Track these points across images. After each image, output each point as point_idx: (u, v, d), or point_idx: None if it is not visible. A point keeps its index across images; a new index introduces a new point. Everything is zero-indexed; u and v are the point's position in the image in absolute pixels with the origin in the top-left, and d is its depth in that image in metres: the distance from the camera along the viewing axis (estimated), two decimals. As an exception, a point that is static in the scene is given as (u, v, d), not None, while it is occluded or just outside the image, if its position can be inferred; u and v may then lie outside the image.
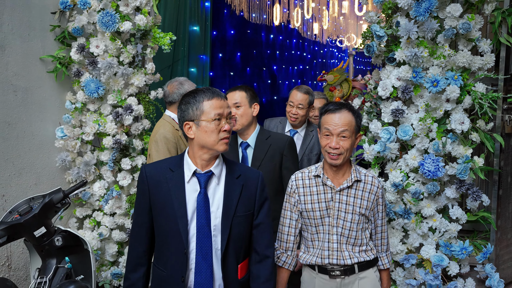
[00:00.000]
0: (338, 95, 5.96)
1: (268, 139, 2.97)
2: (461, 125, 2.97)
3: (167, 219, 2.07)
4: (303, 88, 3.68)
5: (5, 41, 3.18)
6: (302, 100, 3.60)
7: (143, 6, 3.51)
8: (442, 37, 2.98)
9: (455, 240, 3.12)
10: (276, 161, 2.93)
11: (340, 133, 2.27)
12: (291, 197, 2.46)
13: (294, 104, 3.64)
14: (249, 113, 2.92)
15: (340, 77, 6.11)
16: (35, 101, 3.42)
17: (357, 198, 2.35)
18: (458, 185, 3.03)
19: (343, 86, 6.14)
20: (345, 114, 2.29)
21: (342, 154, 2.28)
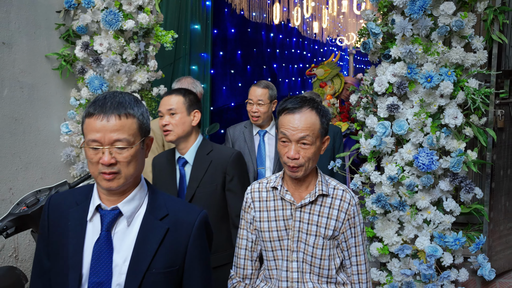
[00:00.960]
0: (329, 92, 5.48)
1: (210, 154, 2.54)
2: (455, 119, 3.05)
3: (59, 270, 1.52)
4: (262, 83, 3.45)
5: (12, 39, 3.27)
6: (261, 95, 3.37)
7: (145, 5, 3.60)
8: (436, 34, 3.07)
9: (449, 232, 3.21)
10: (217, 182, 2.51)
11: (300, 140, 1.81)
12: (247, 213, 2.02)
13: (253, 101, 3.41)
14: (187, 122, 2.50)
15: (331, 71, 5.56)
16: (41, 97, 3.52)
17: (322, 217, 1.90)
18: (452, 178, 3.12)
19: (334, 81, 5.60)
20: (307, 114, 1.83)
21: (303, 165, 1.83)
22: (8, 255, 3.27)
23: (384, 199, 3.14)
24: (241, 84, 7.01)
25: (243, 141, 3.55)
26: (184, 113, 2.50)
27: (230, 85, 6.64)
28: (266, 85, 3.42)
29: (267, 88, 3.37)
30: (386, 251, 3.24)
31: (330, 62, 5.70)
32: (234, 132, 3.61)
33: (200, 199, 2.48)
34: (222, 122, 5.70)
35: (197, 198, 2.48)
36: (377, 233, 3.27)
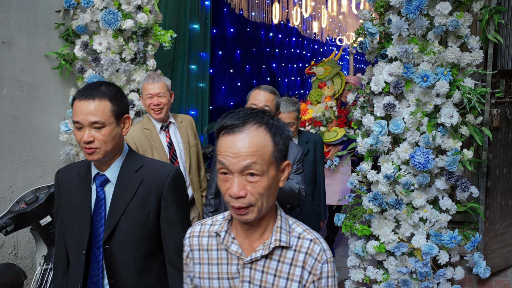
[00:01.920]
0: (328, 93, 4.91)
1: (141, 171, 1.95)
2: (451, 119, 3.08)
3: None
4: (267, 87, 2.84)
5: (12, 38, 3.30)
6: (268, 100, 2.72)
7: (144, 5, 3.62)
8: (432, 34, 3.09)
9: (445, 230, 3.24)
10: (150, 208, 1.92)
11: (245, 169, 1.28)
12: (186, 265, 1.55)
13: (258, 106, 2.70)
14: (116, 134, 1.87)
15: (332, 70, 5.01)
16: (41, 96, 3.54)
17: (280, 277, 1.39)
18: (448, 177, 3.15)
19: (334, 81, 5.04)
20: (253, 133, 1.30)
21: (254, 205, 1.31)
22: (8, 253, 3.29)
23: (381, 198, 3.17)
24: (240, 83, 7.03)
25: None
26: (112, 124, 1.85)
27: (229, 85, 6.66)
28: (273, 90, 2.85)
29: (274, 94, 2.80)
30: (383, 249, 3.27)
31: (330, 60, 5.16)
32: None
33: (126, 230, 1.88)
34: (221, 121, 5.73)
35: (121, 230, 1.88)
36: (374, 231, 3.29)
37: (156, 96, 3.22)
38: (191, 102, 5.43)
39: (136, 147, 3.17)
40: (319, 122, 4.70)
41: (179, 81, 5.18)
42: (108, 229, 1.87)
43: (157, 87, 3.22)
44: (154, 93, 3.22)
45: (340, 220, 3.41)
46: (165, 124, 3.33)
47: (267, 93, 2.74)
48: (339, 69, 5.07)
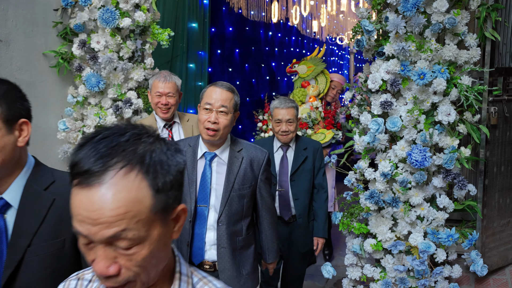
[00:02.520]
0: (312, 93, 4.64)
1: (51, 188, 1.56)
2: (448, 116, 3.08)
3: None
4: (224, 85, 2.46)
5: (9, 37, 3.30)
6: (225, 100, 2.37)
7: (142, 3, 3.63)
8: (429, 31, 3.09)
9: (443, 228, 3.24)
10: (67, 235, 1.51)
11: (113, 240, 0.88)
12: None
13: (213, 107, 2.37)
14: (7, 144, 1.45)
15: (315, 68, 4.74)
16: (38, 94, 3.54)
17: None
18: (445, 175, 3.15)
19: (318, 80, 4.77)
20: (119, 186, 0.86)
21: (135, 280, 0.92)
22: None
23: (377, 196, 3.17)
24: (239, 82, 7.03)
25: None
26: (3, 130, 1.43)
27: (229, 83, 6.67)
28: (231, 88, 2.46)
29: (232, 93, 2.43)
30: (380, 247, 3.27)
31: (314, 58, 4.84)
32: None
33: (35, 266, 1.46)
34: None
35: (27, 266, 1.45)
36: (371, 229, 3.30)
37: (165, 95, 3.22)
38: (190, 101, 5.44)
39: None
40: (305, 124, 4.48)
41: (178, 80, 5.19)
42: (9, 268, 1.41)
43: (168, 87, 3.23)
44: (163, 92, 3.21)
45: (338, 218, 3.41)
46: (169, 123, 3.33)
47: (224, 91, 2.38)
48: (323, 67, 4.80)
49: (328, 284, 4.48)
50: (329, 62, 15.18)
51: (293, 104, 3.37)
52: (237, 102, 2.43)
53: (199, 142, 2.49)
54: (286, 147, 3.47)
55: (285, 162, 3.46)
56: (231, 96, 2.39)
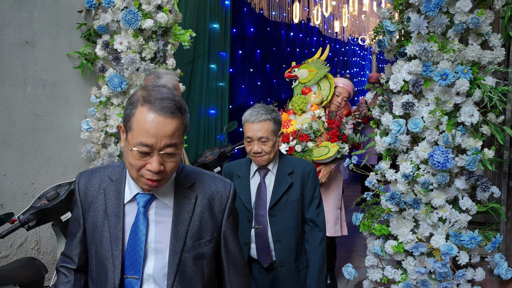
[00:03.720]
0: (314, 100, 4.02)
1: None
2: (471, 117, 3.03)
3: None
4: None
5: (35, 38, 3.37)
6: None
7: (164, 4, 3.67)
8: (452, 32, 3.05)
9: (465, 231, 3.19)
10: None
11: None
12: None
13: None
14: None
15: (317, 72, 4.11)
16: (62, 95, 3.61)
17: None
18: (468, 176, 3.11)
19: (321, 86, 4.10)
20: None
21: None
22: (30, 248, 3.37)
23: (398, 197, 3.14)
24: (260, 82, 7.04)
25: None
26: None
27: (249, 84, 6.68)
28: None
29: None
30: (401, 249, 3.24)
31: (316, 60, 4.19)
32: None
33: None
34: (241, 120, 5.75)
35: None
36: (392, 231, 3.27)
37: None
38: (211, 101, 5.47)
39: None
40: (306, 135, 3.81)
41: (199, 80, 5.22)
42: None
43: None
44: None
45: (358, 219, 3.39)
46: None
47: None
48: (327, 71, 4.14)
49: (349, 285, 4.46)
50: (350, 63, 15.09)
51: (268, 116, 2.62)
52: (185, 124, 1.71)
53: (126, 176, 1.64)
54: (264, 171, 2.74)
55: (262, 191, 2.71)
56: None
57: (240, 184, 2.72)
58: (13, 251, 3.27)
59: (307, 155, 3.40)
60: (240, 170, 2.79)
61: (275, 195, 2.68)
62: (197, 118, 5.20)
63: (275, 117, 2.65)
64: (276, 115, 2.67)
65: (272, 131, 2.61)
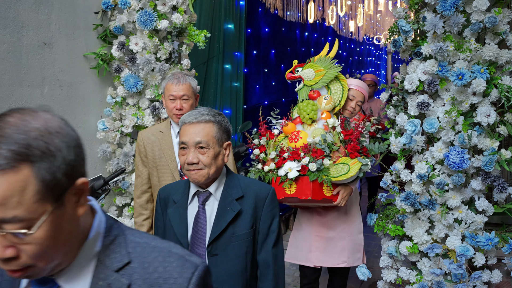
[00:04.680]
0: (326, 106, 3.25)
1: None
2: (487, 118, 3.01)
3: None
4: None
5: (52, 39, 3.41)
6: (184, 89, 2.92)
7: (179, 5, 3.69)
8: (469, 31, 3.03)
9: (482, 232, 3.17)
10: None
11: None
12: None
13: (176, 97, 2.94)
14: None
15: (327, 73, 3.33)
16: (79, 95, 3.65)
17: None
18: (484, 177, 3.08)
19: (332, 89, 3.35)
20: None
21: None
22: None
23: (413, 197, 3.12)
24: (274, 83, 7.04)
25: None
26: None
27: (264, 84, 6.68)
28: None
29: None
30: (416, 250, 3.22)
31: (323, 58, 3.40)
32: None
33: None
34: (255, 121, 5.75)
35: None
36: (407, 231, 3.25)
37: (179, 99, 2.91)
38: (226, 101, 5.49)
39: (145, 150, 3.01)
40: (320, 151, 3.01)
41: (214, 81, 5.24)
42: None
43: (182, 89, 2.91)
44: (177, 95, 2.92)
45: (373, 219, 3.38)
46: None
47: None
48: (338, 71, 3.34)
49: (363, 286, 4.44)
50: (366, 62, 15.02)
51: (211, 117, 2.04)
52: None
53: None
54: (204, 194, 2.09)
55: (201, 222, 2.10)
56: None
57: (176, 212, 2.11)
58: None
59: (324, 174, 2.87)
60: (176, 193, 2.16)
61: (217, 227, 2.05)
62: (211, 118, 5.21)
63: (221, 122, 2.06)
64: (223, 120, 2.07)
65: (214, 137, 2.02)
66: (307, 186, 2.90)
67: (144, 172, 3.03)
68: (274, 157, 3.00)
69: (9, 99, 3.12)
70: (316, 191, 2.91)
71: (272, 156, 3.02)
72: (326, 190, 2.97)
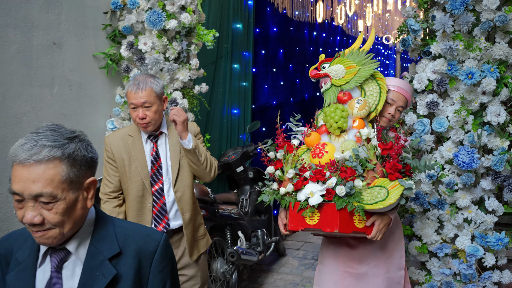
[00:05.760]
0: (359, 113, 2.51)
1: None
2: (497, 117, 2.99)
3: None
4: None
5: (62, 39, 3.44)
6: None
7: (188, 5, 3.69)
8: (479, 30, 3.01)
9: (491, 232, 3.15)
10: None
11: None
12: None
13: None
14: None
15: (361, 69, 2.58)
16: (88, 95, 3.67)
17: None
18: (494, 177, 3.06)
19: (366, 90, 2.62)
20: None
21: None
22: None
23: (422, 197, 3.11)
24: (283, 82, 7.04)
25: None
26: None
27: (272, 84, 6.67)
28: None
29: None
30: (425, 250, 3.21)
31: (356, 51, 2.62)
32: None
33: None
34: (264, 120, 5.76)
35: None
36: (416, 231, 3.24)
37: (141, 107, 2.64)
38: (234, 101, 5.49)
39: (113, 156, 2.74)
40: (351, 170, 2.31)
41: (222, 80, 5.24)
42: None
43: (142, 96, 2.62)
44: (138, 103, 2.63)
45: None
46: (154, 134, 2.77)
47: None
48: (375, 68, 2.60)
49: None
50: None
51: (51, 151, 1.30)
52: None
53: None
54: (60, 254, 1.40)
55: None
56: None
57: (18, 280, 1.40)
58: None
59: (355, 201, 2.22)
60: (22, 248, 1.46)
61: None
62: (220, 118, 5.22)
63: (75, 153, 1.34)
64: (79, 148, 1.35)
65: (64, 182, 1.32)
66: (334, 215, 2.23)
67: (114, 177, 2.75)
68: (293, 176, 2.37)
69: (19, 98, 3.15)
70: (344, 222, 2.24)
71: (290, 176, 2.36)
72: (358, 220, 2.28)
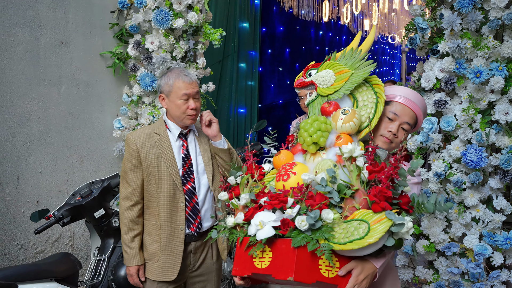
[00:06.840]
0: (344, 126, 1.76)
1: None
2: (506, 115, 2.97)
3: None
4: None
5: (69, 39, 3.45)
6: None
7: (195, 4, 3.70)
8: (487, 28, 3.00)
9: (500, 231, 3.13)
10: None
11: None
12: None
13: None
14: None
15: (353, 74, 1.89)
16: (95, 94, 3.68)
17: None
18: (502, 176, 3.04)
19: (359, 99, 1.89)
20: None
21: None
22: (64, 244, 3.45)
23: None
24: (289, 81, 7.03)
25: None
26: None
27: (278, 83, 6.67)
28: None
29: None
30: (433, 249, 3.20)
31: (350, 53, 1.95)
32: None
33: None
34: (270, 119, 5.76)
35: None
36: (424, 230, 3.23)
37: (192, 97, 2.50)
38: (241, 100, 5.49)
39: (139, 156, 2.53)
40: (321, 195, 1.61)
41: (229, 79, 5.25)
42: None
43: (195, 86, 2.52)
44: (191, 93, 2.49)
45: (389, 218, 3.34)
46: (184, 131, 2.59)
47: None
48: (370, 71, 1.90)
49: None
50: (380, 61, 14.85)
51: None
52: None
53: None
54: None
55: None
56: None
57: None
58: (48, 246, 3.36)
59: (322, 237, 1.53)
60: None
61: None
62: (226, 116, 5.22)
63: None
64: None
65: None
66: (289, 257, 1.51)
67: (136, 180, 2.54)
68: (246, 202, 1.73)
69: (27, 97, 3.16)
70: (304, 267, 1.51)
71: (242, 202, 1.74)
72: (326, 267, 1.54)
